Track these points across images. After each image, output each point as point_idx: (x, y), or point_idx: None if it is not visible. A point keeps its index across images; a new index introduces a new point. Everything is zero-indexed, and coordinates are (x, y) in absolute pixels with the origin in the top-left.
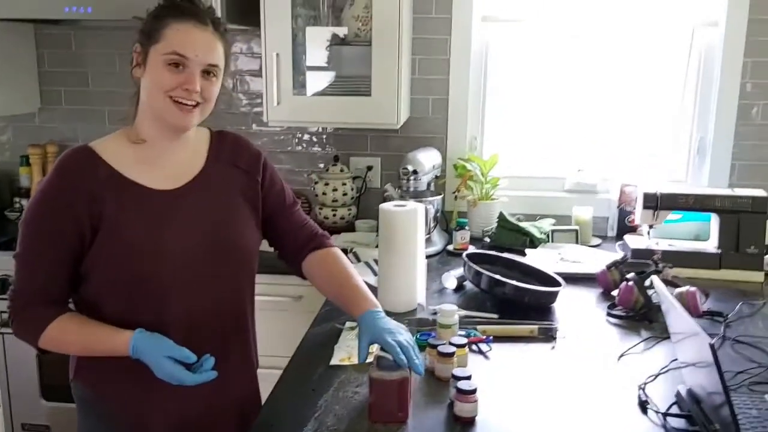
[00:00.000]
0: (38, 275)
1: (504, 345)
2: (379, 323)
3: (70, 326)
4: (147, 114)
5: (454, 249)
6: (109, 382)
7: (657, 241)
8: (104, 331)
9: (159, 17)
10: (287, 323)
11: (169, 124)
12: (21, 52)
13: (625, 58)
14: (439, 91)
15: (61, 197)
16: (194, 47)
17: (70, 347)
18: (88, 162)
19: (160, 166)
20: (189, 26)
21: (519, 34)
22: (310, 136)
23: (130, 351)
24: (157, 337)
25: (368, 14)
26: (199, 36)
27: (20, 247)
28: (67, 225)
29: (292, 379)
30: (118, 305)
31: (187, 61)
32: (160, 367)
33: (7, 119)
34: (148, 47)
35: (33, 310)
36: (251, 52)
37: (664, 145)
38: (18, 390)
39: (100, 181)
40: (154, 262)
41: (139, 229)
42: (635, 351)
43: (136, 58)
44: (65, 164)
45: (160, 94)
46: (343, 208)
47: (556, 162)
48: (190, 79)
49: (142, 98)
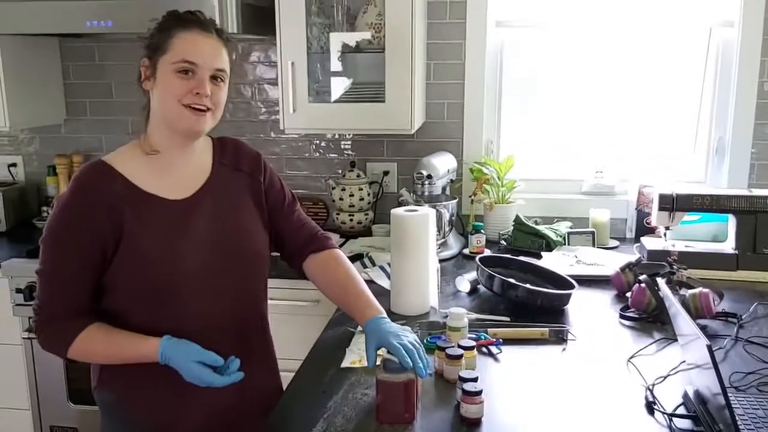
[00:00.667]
0: (62, 289)
1: (514, 348)
2: (385, 327)
3: (98, 336)
4: (159, 124)
5: (470, 252)
6: (133, 387)
7: (674, 243)
8: (132, 339)
9: (164, 29)
10: (304, 327)
11: (183, 131)
12: (47, 65)
13: (642, 58)
14: (455, 95)
15: (81, 212)
16: (202, 54)
17: (98, 356)
18: (105, 176)
19: (172, 175)
20: (195, 34)
21: (534, 37)
22: (327, 142)
23: (158, 357)
24: (185, 342)
25: (381, 21)
26: (205, 43)
27: (43, 263)
28: (89, 239)
29: (303, 380)
30: (140, 315)
31: (196, 68)
32: (189, 371)
33: (34, 130)
34: (157, 59)
35: (59, 324)
36: (268, 60)
37: (682, 146)
38: (46, 393)
39: (118, 194)
40: (172, 271)
41: (157, 240)
42: (646, 353)
43: (144, 72)
44: (82, 180)
45: (173, 102)
46: (359, 213)
47: (573, 164)
48: (201, 84)
49: (154, 109)
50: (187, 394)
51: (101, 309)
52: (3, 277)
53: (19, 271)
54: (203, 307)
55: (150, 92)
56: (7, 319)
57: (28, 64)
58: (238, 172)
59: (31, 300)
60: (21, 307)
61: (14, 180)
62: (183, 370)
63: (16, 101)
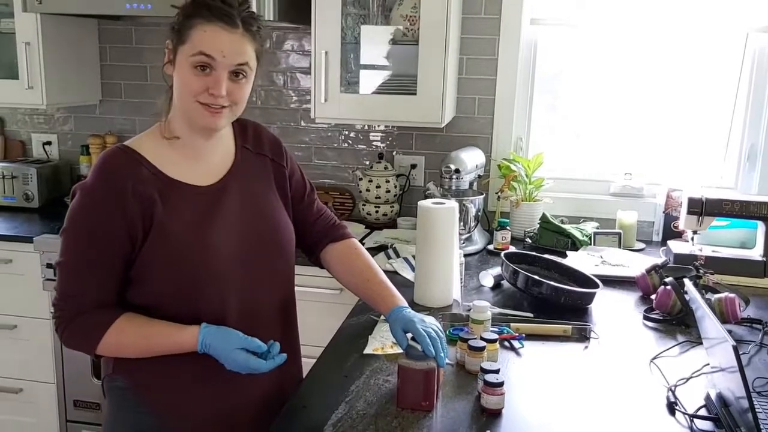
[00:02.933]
0: (88, 281)
1: (536, 343)
2: (409, 315)
3: (129, 328)
4: (179, 111)
5: (495, 248)
6: (151, 372)
7: (701, 247)
8: (167, 329)
9: (189, 16)
10: (328, 314)
11: (199, 128)
12: (85, 46)
13: (677, 61)
14: (486, 91)
15: (109, 199)
16: (221, 49)
17: (131, 350)
18: (131, 162)
19: (197, 162)
20: (216, 28)
21: (568, 35)
22: (357, 133)
23: (198, 347)
24: (225, 329)
25: (416, 14)
26: (226, 38)
27: (66, 253)
28: (118, 227)
29: (326, 365)
30: (174, 307)
31: (213, 62)
32: (233, 359)
33: (70, 110)
34: (177, 47)
35: (86, 318)
36: (302, 50)
37: (714, 152)
38: (72, 368)
39: (145, 181)
40: (206, 258)
41: (189, 228)
42: (669, 354)
43: (168, 54)
44: (108, 166)
45: (188, 98)
46: (385, 205)
47: (602, 165)
48: (216, 83)
49: (174, 96)
50: (204, 379)
51: (128, 304)
52: (35, 252)
53: (50, 247)
54: (238, 294)
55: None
56: (37, 294)
57: (66, 44)
58: (261, 156)
59: None
60: (51, 282)
61: (48, 158)
62: (226, 357)
63: (53, 80)
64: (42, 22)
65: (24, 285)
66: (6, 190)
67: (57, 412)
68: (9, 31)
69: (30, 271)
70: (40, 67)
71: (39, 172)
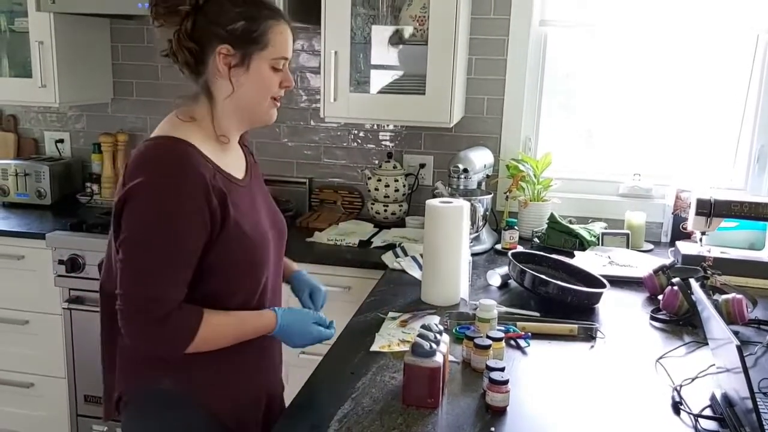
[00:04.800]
0: (176, 280)
1: (543, 342)
2: (310, 278)
3: (216, 322)
4: (234, 111)
5: (503, 248)
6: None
7: (709, 248)
8: (248, 317)
9: (254, 18)
10: (335, 312)
11: (263, 122)
12: (98, 45)
13: (686, 62)
14: (495, 91)
15: (197, 192)
16: (291, 48)
17: (221, 341)
18: (197, 156)
19: (229, 157)
20: (286, 28)
21: (577, 36)
22: (366, 132)
23: (276, 329)
24: (295, 310)
25: (425, 14)
26: (291, 37)
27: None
28: (203, 222)
29: (333, 361)
30: (241, 294)
31: (286, 62)
32: (309, 332)
33: (82, 108)
34: (251, 52)
35: (175, 318)
36: (312, 49)
37: (723, 153)
38: (83, 363)
39: (212, 174)
40: (264, 245)
41: (249, 217)
42: (675, 354)
43: (229, 60)
44: (183, 158)
45: (265, 96)
46: (394, 204)
47: (610, 166)
48: (288, 78)
49: (234, 97)
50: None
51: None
52: (47, 249)
53: (62, 243)
54: (272, 280)
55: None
56: (49, 290)
57: (79, 44)
58: (251, 154)
59: (72, 271)
60: (62, 278)
61: (61, 155)
62: (302, 333)
63: (66, 79)
64: (55, 22)
65: (36, 281)
66: (19, 187)
67: (68, 406)
68: (23, 30)
69: (42, 268)
70: (53, 65)
71: (51, 170)
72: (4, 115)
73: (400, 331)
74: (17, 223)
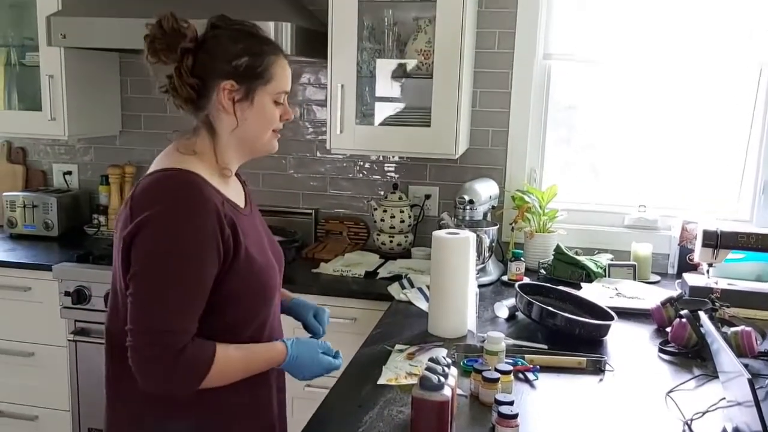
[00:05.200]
0: (190, 312)
1: (551, 375)
2: (308, 302)
3: (228, 356)
4: (237, 144)
5: (509, 279)
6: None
7: (716, 280)
8: (259, 349)
9: (257, 54)
10: (342, 344)
11: (265, 152)
12: (107, 78)
13: (690, 94)
14: (500, 123)
15: (209, 222)
16: (290, 82)
17: (231, 375)
18: (208, 187)
19: (232, 189)
20: (286, 62)
21: (582, 70)
22: (371, 164)
23: (286, 360)
24: (304, 340)
25: (430, 48)
26: (289, 70)
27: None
28: (216, 252)
29: (340, 394)
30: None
31: (286, 95)
32: (319, 362)
33: (90, 140)
34: (255, 86)
35: (190, 353)
36: (318, 83)
37: (729, 185)
38: (87, 396)
39: (221, 203)
40: (271, 276)
41: (257, 247)
42: (685, 388)
43: (233, 95)
44: (195, 188)
45: (267, 128)
46: (400, 234)
47: (616, 197)
48: (288, 111)
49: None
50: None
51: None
52: (53, 280)
53: (68, 275)
54: (275, 311)
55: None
56: (55, 321)
57: (88, 77)
58: (243, 182)
59: (78, 303)
60: (68, 309)
61: (68, 187)
62: (311, 363)
63: (75, 112)
64: (65, 56)
65: (42, 313)
66: (27, 219)
67: None
68: (33, 64)
69: (48, 299)
70: (62, 99)
71: (59, 202)
72: (13, 148)
73: (407, 364)
74: (24, 254)
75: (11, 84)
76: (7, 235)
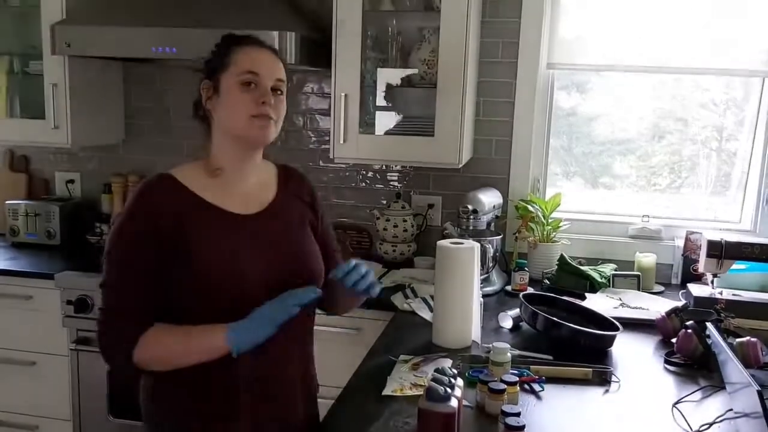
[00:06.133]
0: (128, 296)
1: (557, 386)
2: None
3: (162, 332)
4: (223, 140)
5: (513, 289)
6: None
7: (721, 291)
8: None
9: (222, 50)
10: (346, 355)
11: (251, 141)
12: (111, 87)
13: (693, 104)
14: (503, 132)
15: (148, 219)
16: (263, 64)
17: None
18: (171, 187)
19: (236, 192)
20: (254, 48)
21: (585, 78)
22: (374, 173)
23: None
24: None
25: (434, 58)
26: (264, 56)
27: (109, 271)
28: (154, 245)
29: (344, 406)
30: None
31: (258, 78)
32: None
33: (94, 149)
34: (219, 76)
35: (122, 328)
36: (322, 92)
37: (732, 195)
38: (88, 405)
39: (184, 204)
40: (236, 283)
41: (223, 251)
42: (691, 399)
43: (206, 92)
44: (149, 189)
45: (241, 114)
46: (403, 244)
47: (619, 207)
48: (265, 94)
49: (218, 126)
50: (240, 406)
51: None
52: (55, 289)
53: (70, 284)
54: None
55: (212, 111)
56: (56, 330)
57: (92, 86)
58: (300, 200)
59: (80, 312)
60: (71, 318)
61: (71, 196)
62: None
63: (78, 120)
64: (69, 65)
65: (43, 322)
66: (29, 228)
67: None
68: (37, 72)
69: (50, 308)
70: (66, 107)
71: (61, 210)
72: (16, 156)
73: (412, 375)
74: (26, 263)
75: (15, 92)
76: (9, 243)
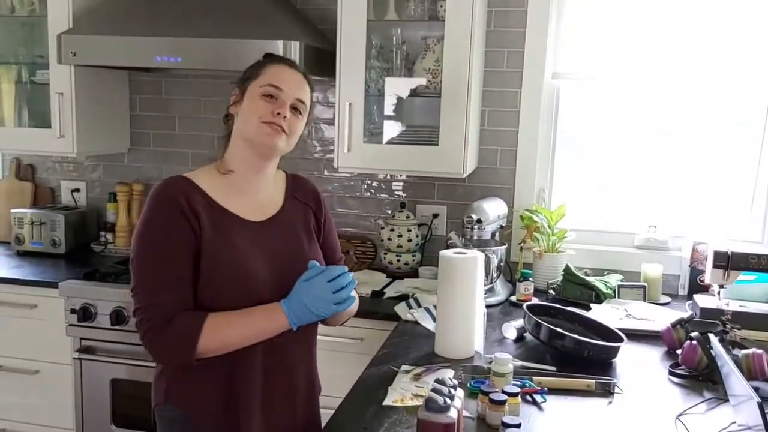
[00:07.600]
0: (169, 280)
1: (559, 397)
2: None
3: (223, 319)
4: (238, 145)
5: (517, 300)
6: (201, 401)
7: (728, 302)
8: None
9: (258, 64)
10: (347, 364)
11: (259, 146)
12: (116, 96)
13: (701, 114)
14: (508, 142)
15: (172, 209)
16: (287, 81)
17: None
18: (188, 187)
19: (247, 199)
20: (284, 67)
21: (591, 89)
22: (379, 182)
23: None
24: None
25: (439, 67)
26: (291, 75)
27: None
28: (184, 234)
29: (345, 416)
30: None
31: (280, 93)
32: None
33: (99, 158)
34: (246, 85)
35: (180, 320)
36: (326, 101)
37: (739, 206)
38: (91, 415)
39: (199, 203)
40: (245, 286)
41: (233, 254)
42: (695, 411)
43: (234, 98)
44: (168, 189)
45: (254, 120)
46: (407, 254)
47: (625, 217)
48: (282, 106)
49: (237, 130)
50: (251, 404)
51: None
52: (59, 298)
53: (75, 292)
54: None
55: (234, 116)
56: (60, 339)
57: (98, 95)
58: (306, 206)
59: (84, 321)
60: (74, 327)
61: (76, 204)
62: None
63: (84, 129)
64: (75, 74)
65: (47, 330)
66: (34, 236)
67: None
68: (44, 81)
69: (54, 317)
70: (72, 116)
71: (66, 219)
72: (22, 165)
73: (413, 385)
74: (31, 271)
75: (21, 101)
76: (14, 251)
